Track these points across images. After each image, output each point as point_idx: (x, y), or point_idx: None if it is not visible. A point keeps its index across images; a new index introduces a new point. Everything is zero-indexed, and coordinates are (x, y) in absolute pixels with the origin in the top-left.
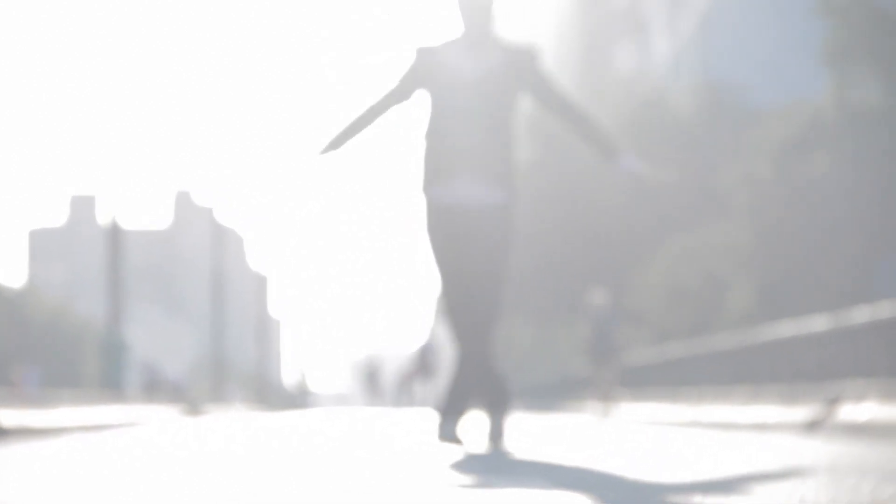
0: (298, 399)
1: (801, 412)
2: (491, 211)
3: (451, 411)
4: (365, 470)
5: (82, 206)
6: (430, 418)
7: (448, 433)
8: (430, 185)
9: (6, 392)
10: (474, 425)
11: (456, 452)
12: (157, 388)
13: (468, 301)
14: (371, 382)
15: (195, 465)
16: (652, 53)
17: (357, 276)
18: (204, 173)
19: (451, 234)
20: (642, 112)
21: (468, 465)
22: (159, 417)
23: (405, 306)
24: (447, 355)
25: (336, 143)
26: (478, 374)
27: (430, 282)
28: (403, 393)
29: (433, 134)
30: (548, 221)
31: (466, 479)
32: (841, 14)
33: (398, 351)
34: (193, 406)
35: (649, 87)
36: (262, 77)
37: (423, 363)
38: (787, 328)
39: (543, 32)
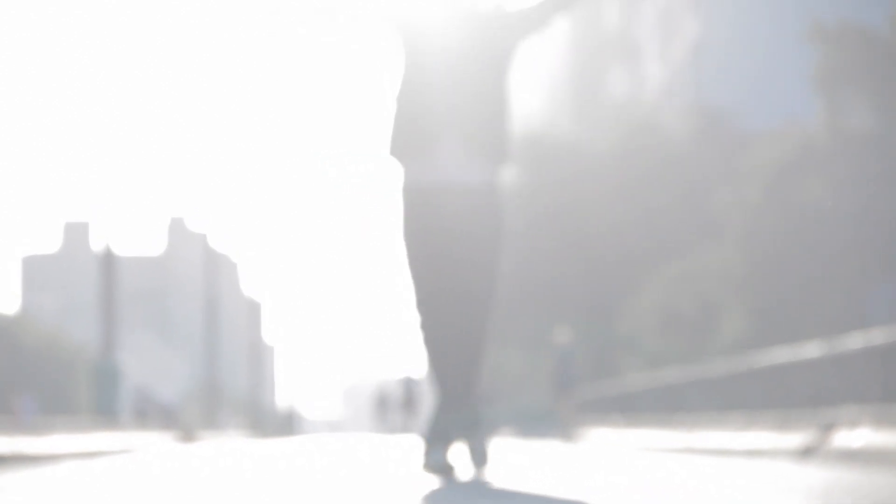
0: (287, 425)
1: (794, 438)
2: (478, 193)
3: (438, 438)
4: (349, 497)
5: (76, 233)
6: (416, 446)
7: (436, 461)
8: (402, 153)
9: (5, 420)
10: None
11: (440, 481)
12: (149, 415)
13: (449, 319)
14: (381, 409)
15: (190, 493)
16: (644, 78)
17: (351, 302)
18: (197, 199)
19: (430, 228)
20: (635, 136)
21: (454, 493)
22: (153, 444)
23: (401, 332)
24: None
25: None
26: (462, 413)
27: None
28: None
29: (406, 94)
30: (540, 246)
31: None
32: (833, 39)
33: (393, 377)
34: (187, 432)
35: (642, 112)
36: (256, 104)
37: (407, 396)
38: (780, 354)
39: (536, 57)
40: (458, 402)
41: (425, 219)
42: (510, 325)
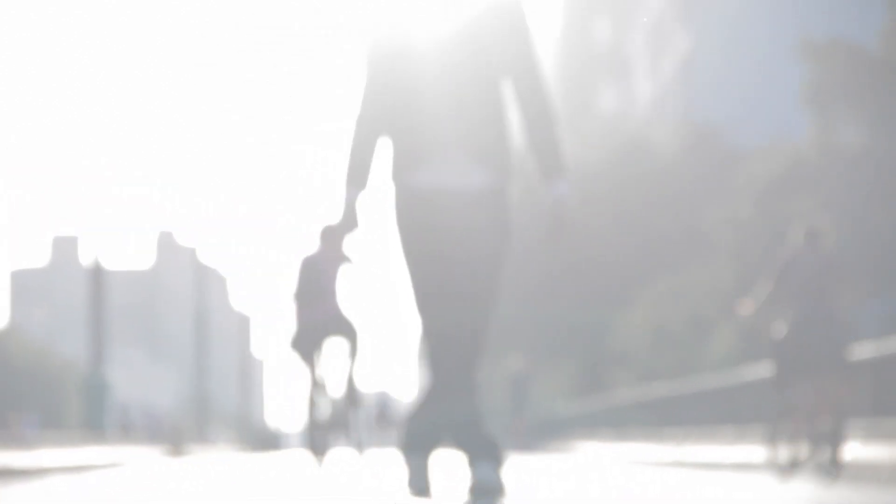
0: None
1: (784, 453)
2: (478, 196)
3: (417, 448)
4: None
5: (65, 247)
6: (397, 460)
7: (419, 481)
8: (401, 172)
9: (4, 434)
10: (457, 473)
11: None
12: (132, 429)
13: (450, 313)
14: (382, 420)
15: None
16: (634, 94)
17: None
18: (186, 214)
19: (427, 227)
20: (625, 152)
21: None
22: (142, 458)
23: (393, 346)
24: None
25: (358, 181)
26: (458, 408)
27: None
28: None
29: (399, 115)
30: (530, 260)
31: None
32: (823, 55)
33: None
34: (176, 446)
35: (632, 127)
36: (245, 119)
37: (381, 412)
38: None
39: None
40: (450, 392)
41: (421, 215)
42: (500, 338)
